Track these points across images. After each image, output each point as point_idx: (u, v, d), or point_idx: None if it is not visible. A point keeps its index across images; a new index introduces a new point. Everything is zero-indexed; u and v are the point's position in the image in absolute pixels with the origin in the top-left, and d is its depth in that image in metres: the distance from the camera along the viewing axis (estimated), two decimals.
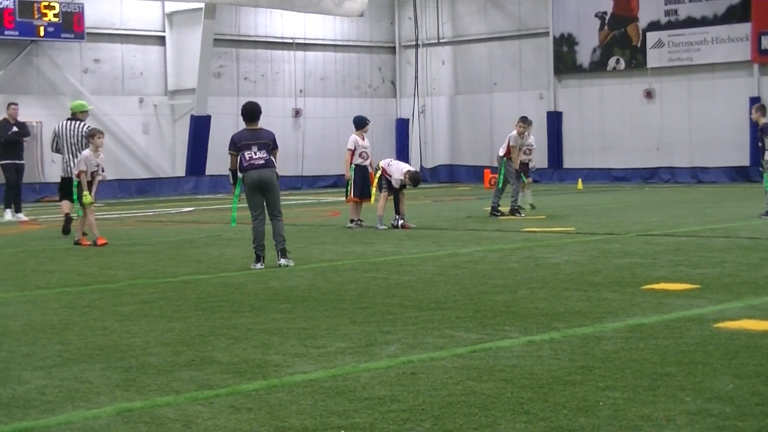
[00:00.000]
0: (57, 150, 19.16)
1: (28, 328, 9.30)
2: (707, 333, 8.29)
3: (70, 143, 18.78)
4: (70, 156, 18.68)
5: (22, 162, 24.11)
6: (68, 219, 18.88)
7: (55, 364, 7.70)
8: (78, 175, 17.18)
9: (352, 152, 19.65)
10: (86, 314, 10.08)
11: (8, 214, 23.81)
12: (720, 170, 37.08)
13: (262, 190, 13.77)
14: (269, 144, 13.87)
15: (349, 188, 19.71)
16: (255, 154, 13.74)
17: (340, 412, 6.16)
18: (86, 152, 17.29)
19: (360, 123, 20.02)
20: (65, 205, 18.89)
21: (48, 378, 7.24)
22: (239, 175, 13.89)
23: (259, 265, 13.68)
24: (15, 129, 23.74)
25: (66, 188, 18.62)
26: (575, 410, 6.07)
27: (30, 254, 16.30)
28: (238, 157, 13.80)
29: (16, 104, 24.61)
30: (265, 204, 13.87)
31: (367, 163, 19.80)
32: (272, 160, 13.85)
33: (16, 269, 14.22)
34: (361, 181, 19.69)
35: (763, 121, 19.60)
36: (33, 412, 6.35)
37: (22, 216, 23.64)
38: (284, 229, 13.94)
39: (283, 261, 13.72)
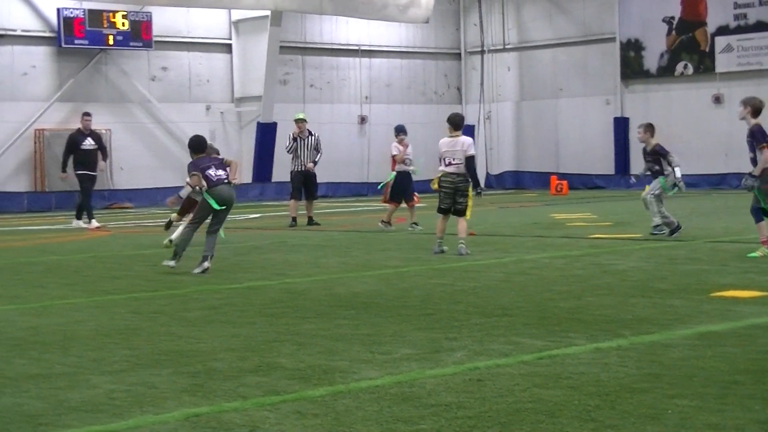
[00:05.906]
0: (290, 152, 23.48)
1: (96, 334, 9.41)
2: None
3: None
4: (295, 159, 23.29)
5: (95, 174, 24.65)
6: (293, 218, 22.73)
7: (123, 369, 7.78)
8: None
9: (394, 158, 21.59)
10: (154, 320, 10.17)
11: (81, 222, 24.42)
12: None
13: (227, 206, 14.39)
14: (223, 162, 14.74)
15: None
16: (216, 171, 14.40)
17: (406, 418, 6.16)
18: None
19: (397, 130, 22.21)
20: (292, 204, 23.06)
21: (116, 383, 7.32)
22: (206, 188, 14.33)
23: (172, 263, 14.21)
24: (90, 140, 24.27)
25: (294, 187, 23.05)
26: (643, 418, 6.02)
27: (98, 260, 16.48)
28: (203, 176, 14.34)
29: (89, 115, 24.96)
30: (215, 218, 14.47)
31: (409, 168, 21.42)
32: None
33: (85, 275, 14.39)
34: (402, 187, 21.11)
35: None
36: (102, 416, 6.42)
37: (95, 223, 24.25)
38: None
39: (198, 270, 13.95)
